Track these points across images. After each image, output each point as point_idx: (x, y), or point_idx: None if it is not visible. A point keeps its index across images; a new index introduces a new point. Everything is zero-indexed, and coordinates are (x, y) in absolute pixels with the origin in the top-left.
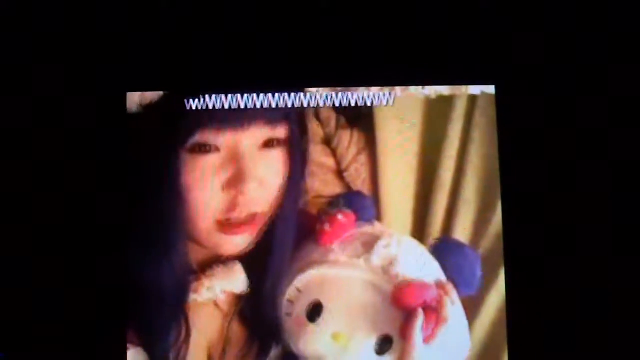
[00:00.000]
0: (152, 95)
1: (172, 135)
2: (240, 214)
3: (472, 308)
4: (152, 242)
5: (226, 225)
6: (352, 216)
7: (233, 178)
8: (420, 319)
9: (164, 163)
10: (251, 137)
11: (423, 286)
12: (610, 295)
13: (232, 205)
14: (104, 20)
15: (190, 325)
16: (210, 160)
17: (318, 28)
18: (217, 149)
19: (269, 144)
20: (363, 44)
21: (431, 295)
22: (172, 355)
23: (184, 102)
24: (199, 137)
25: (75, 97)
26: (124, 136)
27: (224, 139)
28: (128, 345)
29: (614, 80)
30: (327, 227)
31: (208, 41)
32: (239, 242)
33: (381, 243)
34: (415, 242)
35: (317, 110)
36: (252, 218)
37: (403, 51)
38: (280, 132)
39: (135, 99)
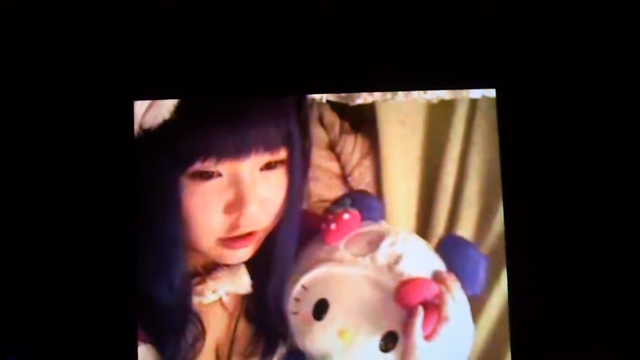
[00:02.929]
0: (152, 121)
1: (172, 163)
2: (242, 232)
3: (475, 308)
4: (155, 253)
5: (228, 241)
6: (358, 215)
7: (234, 202)
8: (419, 317)
9: (165, 188)
10: (251, 164)
11: (423, 283)
12: (613, 294)
13: (234, 226)
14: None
15: (204, 325)
16: (211, 186)
17: (319, 33)
18: (219, 175)
19: (269, 166)
20: (365, 48)
21: (431, 292)
22: (183, 353)
23: (183, 131)
24: (199, 166)
25: (82, 103)
26: (130, 152)
27: (225, 167)
28: (138, 342)
29: (615, 82)
30: (333, 226)
31: (212, 49)
32: (241, 255)
33: (387, 241)
34: (420, 241)
35: (320, 116)
36: (254, 234)
37: (404, 55)
38: (281, 154)
39: (137, 118)
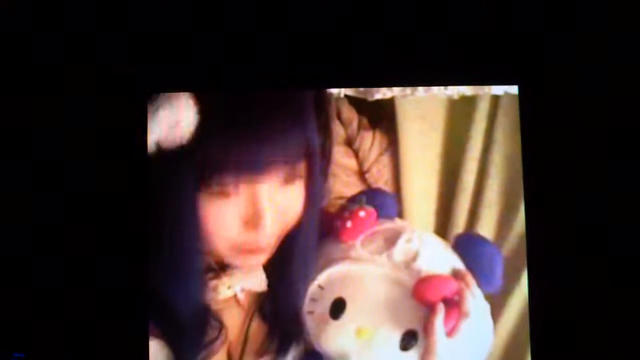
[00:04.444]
0: (169, 142)
1: (189, 182)
2: (259, 244)
3: (494, 309)
4: (170, 257)
5: (244, 249)
6: (374, 213)
7: (252, 218)
8: (440, 314)
9: (181, 202)
10: (270, 179)
11: (442, 280)
12: (636, 294)
13: (251, 239)
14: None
15: (222, 322)
16: (229, 203)
17: (340, 28)
18: (236, 193)
19: (288, 180)
20: (386, 43)
21: (451, 289)
22: (196, 349)
23: (201, 151)
24: (216, 183)
25: (101, 98)
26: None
27: (243, 185)
28: (150, 337)
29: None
30: (348, 223)
31: (229, 42)
32: (257, 260)
33: (403, 238)
34: (437, 238)
35: (339, 112)
36: (271, 243)
37: (425, 51)
38: (300, 169)
39: (153, 142)
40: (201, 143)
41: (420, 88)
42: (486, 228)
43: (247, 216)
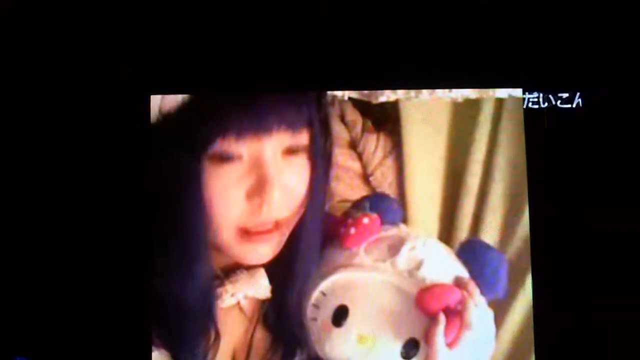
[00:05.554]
0: (171, 102)
1: (191, 144)
2: (263, 222)
3: (498, 314)
4: (174, 250)
5: (249, 234)
6: (378, 219)
7: (256, 186)
8: (441, 324)
9: (184, 172)
10: (273, 144)
11: (445, 289)
12: None
13: (256, 214)
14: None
15: (219, 330)
16: (232, 169)
17: (343, 29)
18: (240, 157)
19: (291, 150)
20: (389, 45)
21: (454, 298)
22: (199, 358)
23: (203, 110)
24: (219, 146)
25: (99, 98)
26: (147, 143)
27: (246, 147)
28: (152, 347)
29: None
30: (352, 230)
31: (232, 43)
32: (263, 252)
33: (407, 246)
34: (442, 245)
35: (342, 114)
36: (275, 226)
37: (430, 54)
38: (303, 138)
39: (155, 105)
40: (201, 107)
41: (425, 91)
42: (490, 232)
43: (253, 184)
